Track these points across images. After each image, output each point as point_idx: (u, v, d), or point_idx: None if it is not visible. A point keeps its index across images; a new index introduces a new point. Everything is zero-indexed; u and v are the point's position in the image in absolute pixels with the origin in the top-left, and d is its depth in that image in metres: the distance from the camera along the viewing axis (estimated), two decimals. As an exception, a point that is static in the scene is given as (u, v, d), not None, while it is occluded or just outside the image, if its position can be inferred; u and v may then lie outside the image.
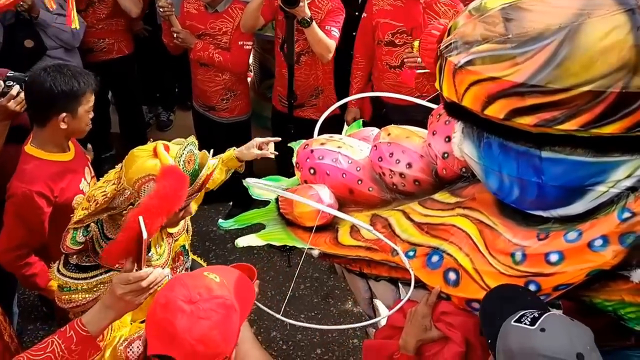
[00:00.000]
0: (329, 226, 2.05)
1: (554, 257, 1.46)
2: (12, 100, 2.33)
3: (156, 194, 1.62)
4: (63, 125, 2.24)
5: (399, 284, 1.90)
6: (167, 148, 1.89)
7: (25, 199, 2.21)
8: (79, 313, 1.82)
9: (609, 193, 1.39)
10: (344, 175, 2.06)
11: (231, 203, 4.08)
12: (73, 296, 2.00)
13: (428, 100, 2.55)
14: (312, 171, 2.12)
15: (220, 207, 4.17)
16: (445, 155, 1.81)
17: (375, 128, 2.39)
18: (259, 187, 2.13)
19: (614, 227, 1.39)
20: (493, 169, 1.52)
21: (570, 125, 1.30)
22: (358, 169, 2.06)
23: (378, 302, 2.17)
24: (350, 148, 2.13)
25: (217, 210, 4.15)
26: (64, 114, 2.21)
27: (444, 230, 1.72)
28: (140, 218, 1.49)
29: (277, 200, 2.23)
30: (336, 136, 2.24)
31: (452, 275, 1.62)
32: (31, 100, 2.29)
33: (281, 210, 2.18)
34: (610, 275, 1.46)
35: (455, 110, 1.56)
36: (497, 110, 1.38)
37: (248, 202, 2.22)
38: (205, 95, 3.69)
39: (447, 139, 1.80)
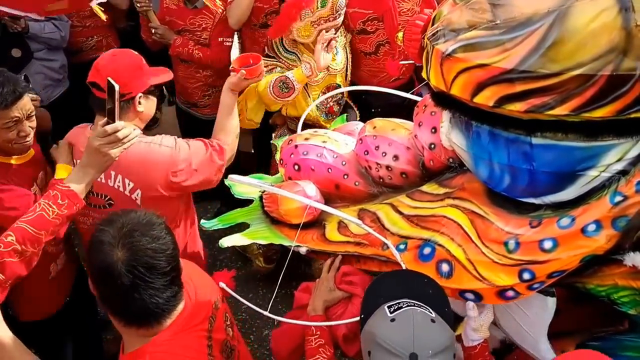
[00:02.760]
0: (316, 222, 2.01)
1: (548, 244, 1.45)
2: None
3: None
4: None
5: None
6: None
7: None
8: None
9: (601, 177, 1.39)
10: (330, 170, 2.03)
11: (220, 202, 4.00)
12: None
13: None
14: (296, 167, 2.09)
15: (208, 205, 4.08)
16: (432, 146, 1.79)
17: (359, 122, 2.37)
18: (243, 184, 2.08)
19: (606, 212, 1.39)
20: (483, 157, 1.51)
21: (561, 111, 1.29)
22: (344, 163, 2.03)
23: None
24: (335, 142, 2.10)
25: (205, 208, 4.06)
26: None
27: (435, 222, 1.70)
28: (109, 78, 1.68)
29: (261, 198, 2.19)
30: (321, 131, 2.21)
31: (445, 267, 1.60)
32: None
33: (266, 208, 2.13)
34: (603, 260, 1.47)
35: (443, 100, 1.54)
36: (486, 98, 1.36)
37: (237, 202, 2.22)
38: (187, 92, 3.62)
39: (433, 130, 1.78)
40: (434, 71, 1.48)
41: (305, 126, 2.55)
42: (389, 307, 1.33)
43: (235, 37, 3.67)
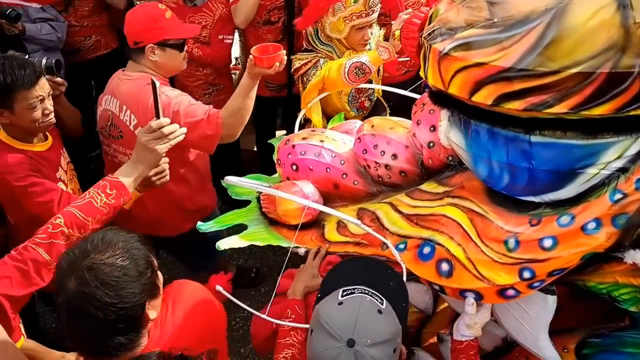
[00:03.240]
0: (315, 223, 2.00)
1: (548, 243, 1.44)
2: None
3: None
4: (3, 120, 2.15)
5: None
6: None
7: None
8: None
9: (600, 175, 1.38)
10: (328, 170, 2.02)
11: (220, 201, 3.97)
12: None
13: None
14: (294, 167, 2.08)
15: None
16: (431, 144, 1.78)
17: (357, 120, 2.35)
18: (240, 185, 2.07)
19: (606, 209, 1.38)
20: (482, 156, 1.50)
21: (559, 109, 1.28)
22: (342, 162, 2.02)
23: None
24: (333, 141, 2.09)
25: None
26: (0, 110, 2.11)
27: (434, 221, 1.69)
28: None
29: (258, 199, 2.18)
30: (318, 130, 2.20)
31: (445, 266, 1.60)
32: None
33: (263, 209, 2.12)
34: (603, 258, 1.46)
35: (441, 99, 1.53)
36: (485, 97, 1.35)
37: (237, 200, 2.26)
38: (187, 90, 3.53)
39: (432, 128, 1.77)
40: (432, 70, 1.47)
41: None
42: (344, 291, 1.32)
43: (236, 34, 3.64)
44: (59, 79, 2.48)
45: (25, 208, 2.15)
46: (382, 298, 1.32)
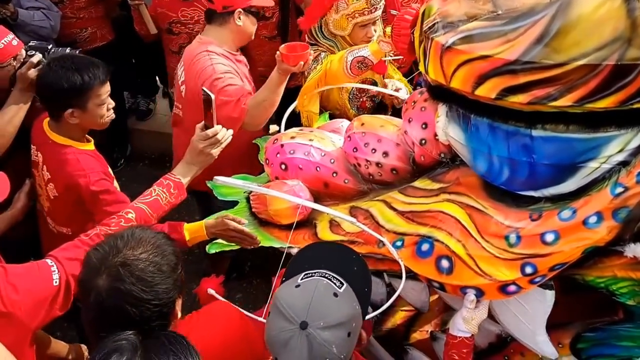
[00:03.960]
0: (307, 222, 1.97)
1: (549, 237, 1.44)
2: (32, 69, 2.23)
3: None
4: (74, 120, 2.11)
5: (385, 276, 1.85)
6: None
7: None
8: None
9: (601, 169, 1.39)
10: (318, 169, 1.99)
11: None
12: None
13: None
14: (283, 167, 2.04)
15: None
16: (423, 141, 1.77)
17: (344, 120, 2.33)
18: (229, 185, 2.02)
19: (607, 203, 1.39)
20: (482, 151, 1.49)
21: (564, 102, 1.28)
22: (332, 161, 1.99)
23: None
24: (322, 140, 2.06)
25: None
26: (70, 110, 2.08)
27: (431, 217, 1.67)
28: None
29: (247, 199, 2.13)
30: (307, 129, 2.16)
31: (445, 263, 1.58)
32: (39, 95, 2.22)
33: (253, 210, 2.08)
34: (603, 252, 1.47)
35: (441, 93, 1.52)
36: (488, 90, 1.35)
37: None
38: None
39: (424, 126, 1.75)
40: (433, 64, 1.46)
41: (334, 118, 2.60)
42: (305, 274, 1.33)
43: None
44: None
45: (90, 211, 2.11)
46: (343, 282, 1.31)
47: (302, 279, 1.30)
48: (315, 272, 1.31)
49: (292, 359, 1.22)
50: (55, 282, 1.58)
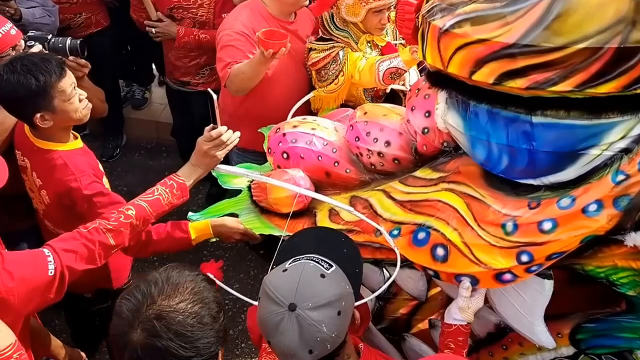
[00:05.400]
0: (306, 211, 1.96)
1: (547, 225, 1.42)
2: None
3: None
4: (47, 124, 1.98)
5: (383, 265, 1.84)
6: None
7: None
8: None
9: (603, 156, 1.36)
10: (320, 158, 1.98)
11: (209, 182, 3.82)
12: None
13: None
14: (285, 155, 2.03)
15: (200, 186, 3.91)
16: (426, 130, 1.75)
17: (349, 109, 2.31)
18: (231, 173, 2.02)
19: (608, 191, 1.36)
20: (481, 138, 1.47)
21: (564, 86, 1.25)
22: (334, 150, 1.98)
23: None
24: (325, 129, 2.04)
25: (196, 189, 3.92)
26: (38, 115, 1.95)
27: (429, 206, 1.66)
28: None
29: (249, 188, 2.13)
30: (309, 118, 2.15)
31: (440, 251, 1.56)
32: (3, 106, 2.07)
33: (254, 198, 2.08)
34: (603, 241, 1.44)
35: (440, 79, 1.50)
36: (486, 75, 1.32)
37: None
38: (179, 72, 3.47)
39: (427, 114, 1.73)
40: (430, 49, 1.44)
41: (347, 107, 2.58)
42: (293, 260, 1.34)
43: None
44: (82, 61, 2.39)
45: (85, 217, 1.98)
46: (332, 264, 1.32)
47: (289, 263, 1.31)
48: (302, 257, 1.32)
49: (284, 341, 1.23)
50: (51, 272, 1.59)
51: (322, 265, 1.30)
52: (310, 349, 1.22)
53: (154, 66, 4.63)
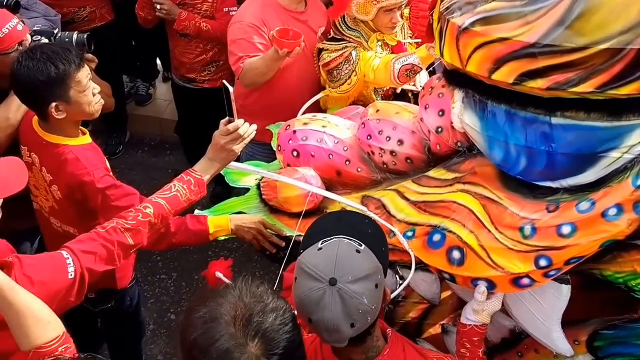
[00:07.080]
0: (317, 211, 1.93)
1: (566, 230, 1.39)
2: None
3: None
4: (61, 115, 1.96)
5: (397, 267, 1.81)
6: None
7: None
8: None
9: (623, 159, 1.33)
10: (331, 156, 1.95)
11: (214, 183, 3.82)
12: None
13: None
14: (295, 154, 2.01)
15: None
16: (440, 130, 1.72)
17: (360, 107, 2.28)
18: (241, 170, 2.00)
19: (628, 195, 1.33)
20: (499, 139, 1.44)
21: (585, 88, 1.23)
22: (345, 149, 1.95)
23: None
24: (336, 127, 2.02)
25: None
26: (54, 104, 1.93)
27: (444, 208, 1.63)
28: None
29: (258, 186, 2.11)
30: (320, 115, 2.12)
31: (456, 254, 1.54)
32: (17, 96, 2.06)
33: (264, 197, 2.05)
34: (623, 246, 1.42)
35: (457, 78, 1.47)
36: (506, 75, 1.30)
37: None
38: (186, 67, 3.45)
39: (441, 113, 1.70)
40: (449, 47, 1.41)
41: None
42: (323, 240, 1.36)
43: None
44: (89, 55, 2.36)
45: (97, 212, 2.00)
46: (361, 243, 1.35)
47: (322, 243, 1.34)
48: (332, 238, 1.35)
49: (327, 316, 1.24)
50: (71, 275, 1.56)
51: (355, 243, 1.33)
52: (353, 322, 1.25)
53: (158, 61, 4.59)
